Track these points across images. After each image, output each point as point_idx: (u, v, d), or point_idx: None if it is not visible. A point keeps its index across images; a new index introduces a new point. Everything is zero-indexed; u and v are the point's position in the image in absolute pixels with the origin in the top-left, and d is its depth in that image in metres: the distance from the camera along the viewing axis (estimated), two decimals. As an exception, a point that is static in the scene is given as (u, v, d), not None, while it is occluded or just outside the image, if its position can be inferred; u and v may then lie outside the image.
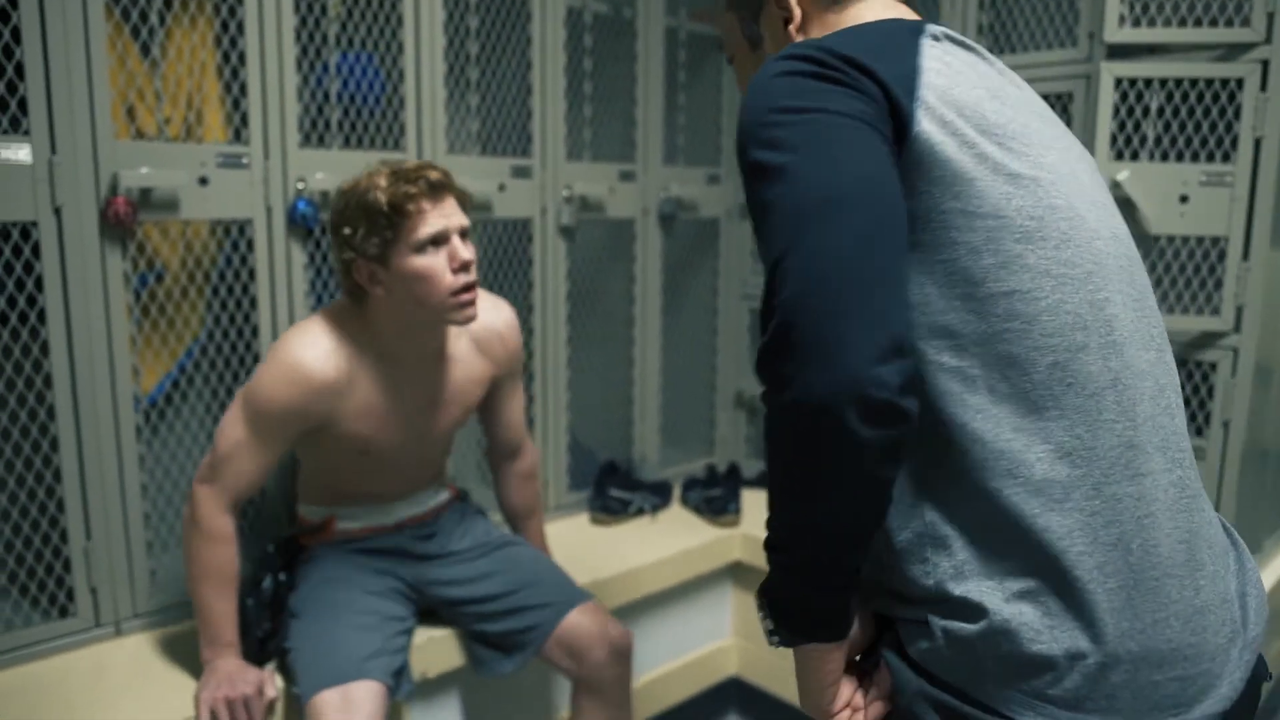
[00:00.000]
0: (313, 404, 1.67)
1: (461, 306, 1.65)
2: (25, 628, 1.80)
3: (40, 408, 1.78)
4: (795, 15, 1.06)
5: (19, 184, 1.67)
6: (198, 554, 1.68)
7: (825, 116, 0.83)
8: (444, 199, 1.65)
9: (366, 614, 1.74)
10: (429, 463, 1.92)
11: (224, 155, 1.90)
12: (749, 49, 1.15)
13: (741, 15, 1.14)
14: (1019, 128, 0.90)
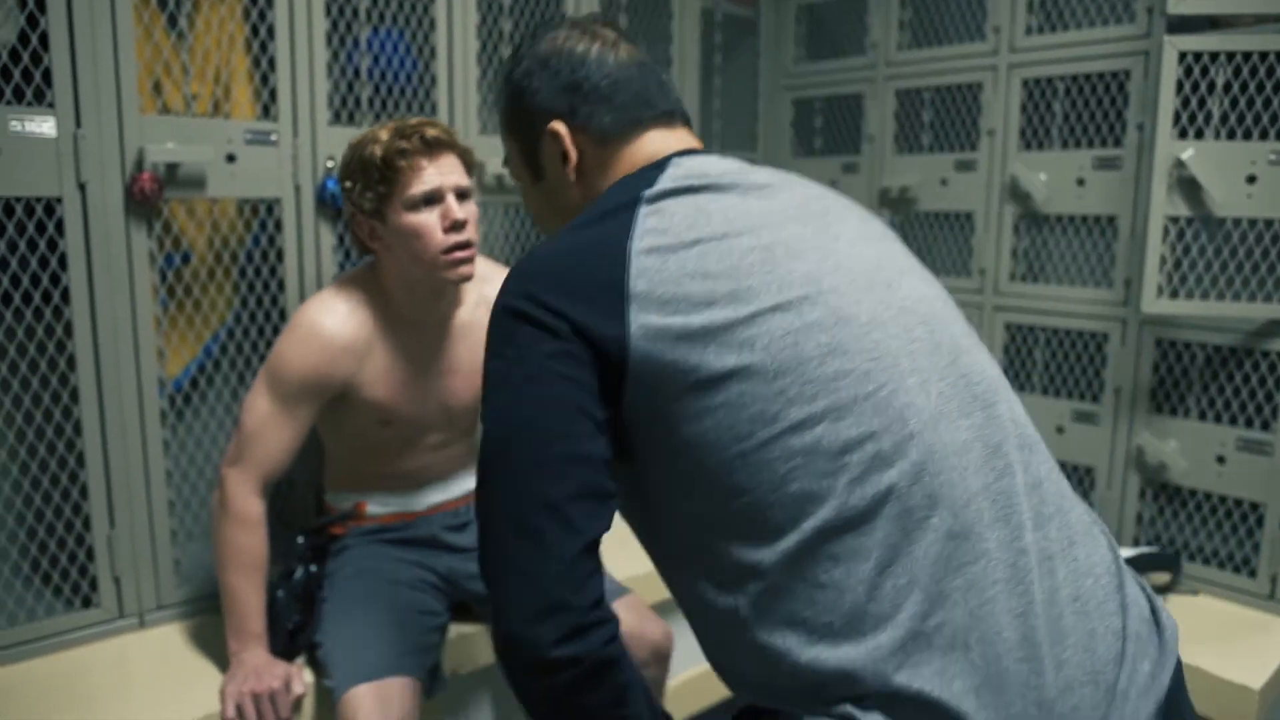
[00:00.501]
0: (333, 367, 1.63)
1: (454, 265, 1.62)
2: (48, 618, 1.74)
3: (63, 390, 1.72)
4: (572, 156, 1.06)
5: (43, 158, 1.62)
6: (226, 539, 1.63)
7: (523, 366, 0.90)
8: (441, 156, 1.61)
9: (400, 608, 1.68)
10: (455, 440, 1.85)
11: (252, 132, 1.84)
12: (531, 180, 1.13)
13: (522, 144, 1.12)
14: (752, 265, 0.89)
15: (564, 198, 1.09)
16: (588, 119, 1.05)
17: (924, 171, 2.44)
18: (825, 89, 2.68)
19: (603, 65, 1.06)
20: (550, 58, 1.07)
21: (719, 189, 0.96)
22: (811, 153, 2.77)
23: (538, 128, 1.07)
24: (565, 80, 1.05)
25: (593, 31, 1.09)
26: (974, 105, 2.36)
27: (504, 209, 2.27)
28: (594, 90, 1.04)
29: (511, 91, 1.11)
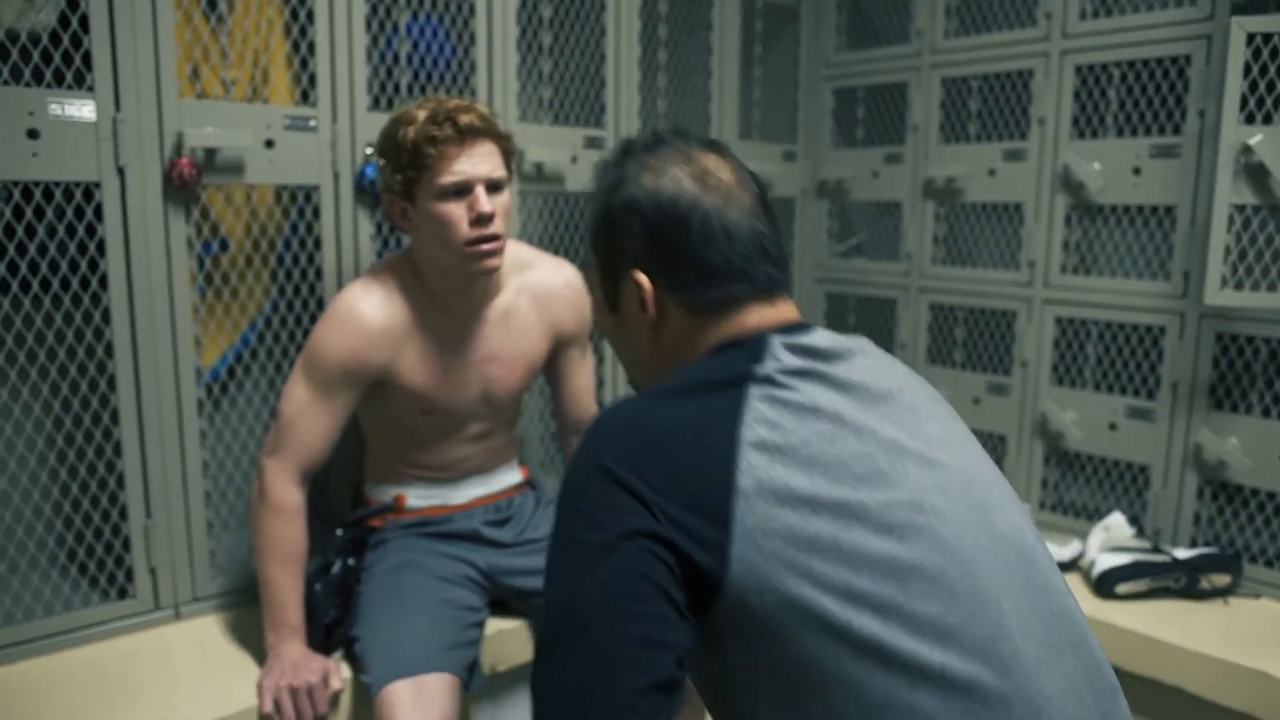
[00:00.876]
0: (371, 353, 1.61)
1: (477, 258, 1.58)
2: (84, 608, 1.72)
3: (101, 378, 1.70)
4: (650, 311, 0.99)
5: (82, 142, 1.60)
6: (264, 530, 1.60)
7: (605, 531, 0.82)
8: (475, 144, 1.56)
9: (440, 603, 1.64)
10: (496, 430, 1.82)
11: (291, 117, 1.82)
12: (607, 309, 1.05)
13: (602, 266, 1.04)
14: (858, 478, 0.85)
15: (637, 343, 1.03)
16: (681, 291, 0.97)
17: (971, 162, 2.38)
18: (868, 78, 2.62)
19: (710, 238, 0.95)
20: (654, 201, 0.97)
21: (823, 379, 0.90)
22: (853, 143, 2.72)
23: (623, 266, 1.00)
24: (666, 243, 0.96)
25: (710, 178, 0.98)
26: (1024, 93, 2.30)
27: (543, 198, 2.23)
28: (697, 268, 0.96)
29: (603, 213, 1.01)
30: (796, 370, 0.90)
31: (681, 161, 0.99)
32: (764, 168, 2.60)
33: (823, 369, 0.91)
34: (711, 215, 0.96)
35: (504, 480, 1.86)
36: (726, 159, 1.02)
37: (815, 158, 2.76)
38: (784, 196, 2.74)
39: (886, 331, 2.65)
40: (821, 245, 2.80)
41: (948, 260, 2.52)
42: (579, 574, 0.82)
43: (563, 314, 1.82)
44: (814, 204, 2.79)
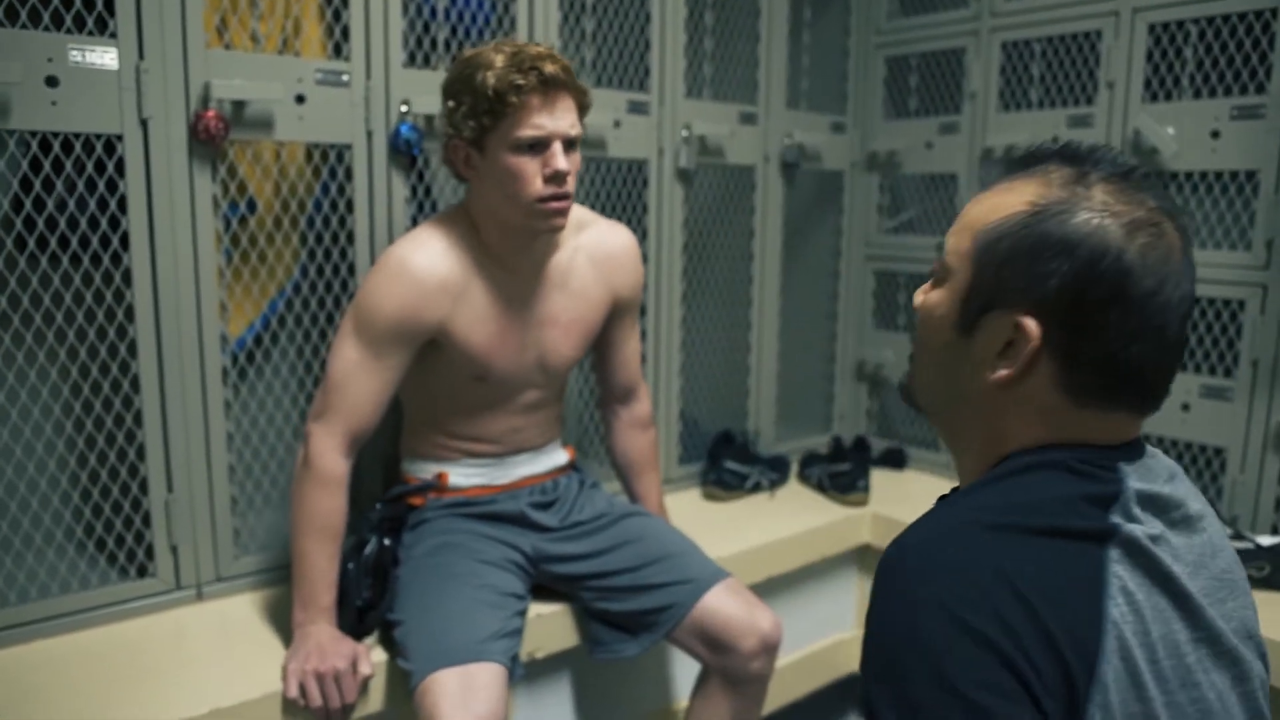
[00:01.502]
0: (425, 308, 1.52)
1: (546, 215, 1.51)
2: (102, 587, 1.63)
3: (121, 343, 1.61)
4: (1017, 364, 0.82)
5: (104, 92, 1.51)
6: (303, 499, 1.52)
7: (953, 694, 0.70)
8: (557, 98, 1.48)
9: (485, 588, 1.54)
10: (548, 401, 1.72)
11: (323, 72, 1.72)
12: (952, 326, 0.87)
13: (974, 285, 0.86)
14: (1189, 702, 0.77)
15: (966, 381, 0.86)
16: (1070, 368, 0.81)
17: (1033, 129, 2.26)
18: (922, 44, 2.50)
19: (1138, 337, 0.79)
20: (1114, 255, 0.78)
21: (1169, 547, 0.80)
22: (905, 114, 2.60)
23: (1011, 300, 0.82)
24: (1085, 312, 0.79)
25: (1172, 264, 0.80)
26: (1091, 56, 2.17)
27: (585, 163, 2.11)
28: (1105, 358, 0.80)
29: (1029, 224, 0.81)
30: (1153, 536, 0.79)
31: (1151, 223, 0.80)
32: (812, 138, 2.49)
33: (1170, 537, 0.81)
34: (1159, 307, 0.79)
35: (551, 460, 1.76)
36: (1183, 236, 0.83)
37: (865, 129, 2.64)
38: (832, 170, 2.62)
39: (939, 311, 2.52)
40: (870, 221, 2.67)
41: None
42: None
43: (621, 278, 1.73)
44: (863, 178, 2.67)
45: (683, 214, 2.27)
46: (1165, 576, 0.78)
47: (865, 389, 2.75)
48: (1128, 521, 0.78)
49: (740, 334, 2.51)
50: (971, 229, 0.86)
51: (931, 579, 0.74)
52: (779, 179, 2.46)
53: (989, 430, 0.86)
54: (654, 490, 1.89)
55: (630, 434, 1.87)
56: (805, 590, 2.26)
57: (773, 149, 2.43)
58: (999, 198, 0.85)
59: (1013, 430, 0.85)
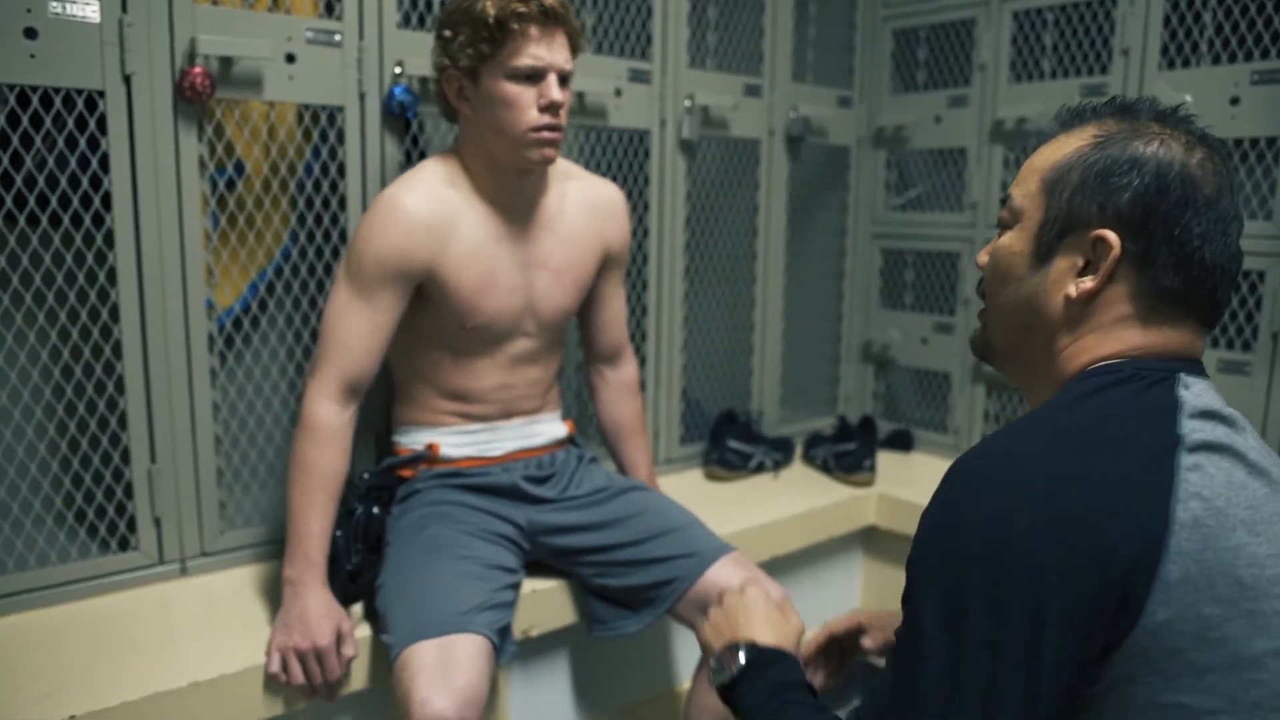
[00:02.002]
0: (415, 247, 1.50)
1: (539, 144, 1.50)
2: (82, 560, 1.58)
3: (103, 307, 1.56)
4: (1098, 278, 0.87)
5: (85, 46, 1.46)
6: (296, 450, 1.48)
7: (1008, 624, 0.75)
8: (554, 32, 1.48)
9: (472, 559, 1.48)
10: (539, 353, 1.67)
11: (314, 30, 1.67)
12: (1029, 259, 0.92)
13: (1049, 215, 0.91)
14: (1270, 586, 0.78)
15: (1045, 308, 0.91)
16: (1145, 272, 0.86)
17: (1046, 100, 2.20)
18: (930, 16, 2.44)
19: (1209, 235, 0.85)
20: (1163, 169, 0.85)
21: (1237, 456, 0.82)
22: (913, 87, 2.54)
23: (1091, 220, 0.87)
24: (1166, 213, 0.84)
25: (1225, 184, 0.87)
26: (1105, 23, 2.11)
27: (584, 133, 2.07)
28: (1182, 258, 0.85)
29: (1099, 152, 0.88)
30: (1218, 444, 0.81)
31: (1200, 146, 0.88)
32: (818, 112, 2.43)
33: (1234, 444, 0.82)
34: (1223, 216, 0.86)
35: (547, 431, 1.70)
36: (1226, 160, 0.90)
37: (873, 103, 2.58)
38: (838, 145, 2.56)
39: (948, 288, 2.46)
40: (878, 197, 2.61)
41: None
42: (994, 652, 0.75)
43: (612, 228, 1.71)
44: (870, 153, 2.61)
45: (685, 187, 2.21)
46: (1239, 457, 0.81)
47: (871, 370, 2.69)
48: (1193, 431, 0.80)
49: (744, 312, 2.45)
50: (1039, 172, 0.91)
51: (1018, 485, 0.77)
52: (784, 153, 2.41)
53: (1064, 351, 0.90)
54: (643, 456, 1.83)
55: (617, 397, 1.82)
56: (810, 571, 2.20)
57: (778, 122, 2.37)
58: (1058, 145, 0.91)
59: (1086, 346, 0.88)
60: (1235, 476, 0.79)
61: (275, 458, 1.77)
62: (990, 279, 0.96)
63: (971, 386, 2.42)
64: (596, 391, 1.84)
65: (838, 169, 2.60)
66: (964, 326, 2.42)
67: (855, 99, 2.57)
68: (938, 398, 2.53)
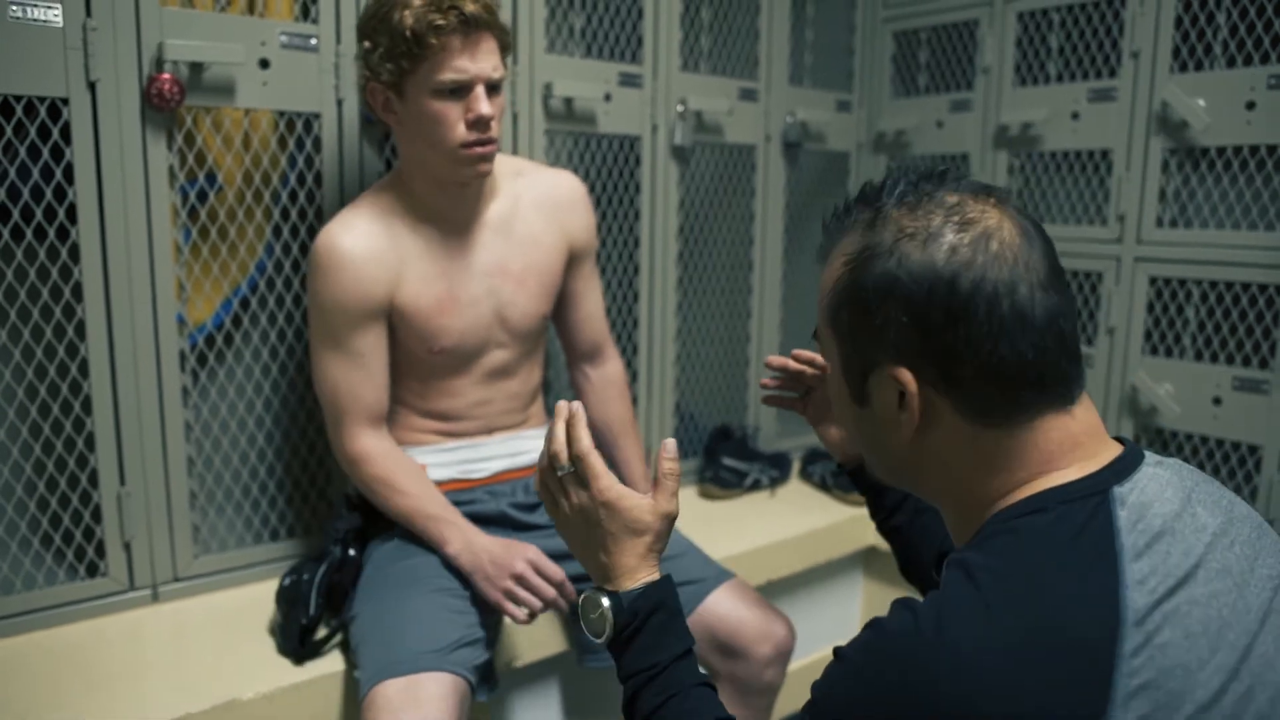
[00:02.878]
0: (368, 286, 1.46)
1: (470, 162, 1.43)
2: (48, 586, 1.52)
3: (68, 324, 1.49)
4: (913, 414, 0.79)
5: (48, 51, 1.40)
6: (367, 480, 1.49)
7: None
8: (479, 39, 1.39)
9: (451, 592, 1.41)
10: (516, 362, 1.60)
11: (289, 34, 1.60)
12: (850, 399, 0.85)
13: (842, 348, 0.83)
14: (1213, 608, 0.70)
15: (892, 443, 0.83)
16: (957, 393, 0.77)
17: (1051, 105, 2.13)
18: (932, 17, 2.37)
19: (999, 329, 0.74)
20: (924, 282, 0.75)
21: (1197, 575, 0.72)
22: (915, 91, 2.47)
23: (878, 358, 0.79)
24: (939, 337, 0.75)
25: (992, 240, 0.75)
26: (1114, 24, 2.04)
27: (572, 139, 2.00)
28: (979, 367, 0.75)
29: (848, 291, 0.80)
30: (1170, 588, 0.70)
31: (950, 219, 0.77)
32: (816, 117, 2.36)
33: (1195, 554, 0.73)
34: (999, 296, 0.74)
35: (534, 449, 1.64)
36: (1005, 207, 0.79)
37: (873, 107, 2.51)
38: (838, 151, 2.49)
39: (951, 299, 2.39)
40: (878, 205, 2.54)
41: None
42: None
43: (573, 221, 1.64)
44: (870, 159, 2.54)
45: (678, 195, 2.15)
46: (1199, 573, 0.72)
47: (872, 382, 2.61)
48: (1138, 584, 0.69)
49: (739, 323, 2.38)
50: (822, 302, 0.84)
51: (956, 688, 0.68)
52: (781, 160, 2.34)
53: (947, 487, 0.83)
54: (635, 459, 1.75)
55: (603, 397, 1.74)
56: (808, 593, 2.13)
57: (774, 128, 2.30)
58: (829, 267, 0.83)
59: (970, 482, 0.80)
60: (1193, 623, 0.69)
61: (250, 479, 1.71)
62: (835, 406, 0.90)
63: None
64: (581, 392, 1.76)
65: (837, 175, 2.53)
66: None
67: (854, 103, 2.50)
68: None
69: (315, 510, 1.78)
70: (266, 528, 1.73)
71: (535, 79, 1.87)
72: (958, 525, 0.85)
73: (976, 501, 0.81)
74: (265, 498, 1.73)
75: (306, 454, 1.76)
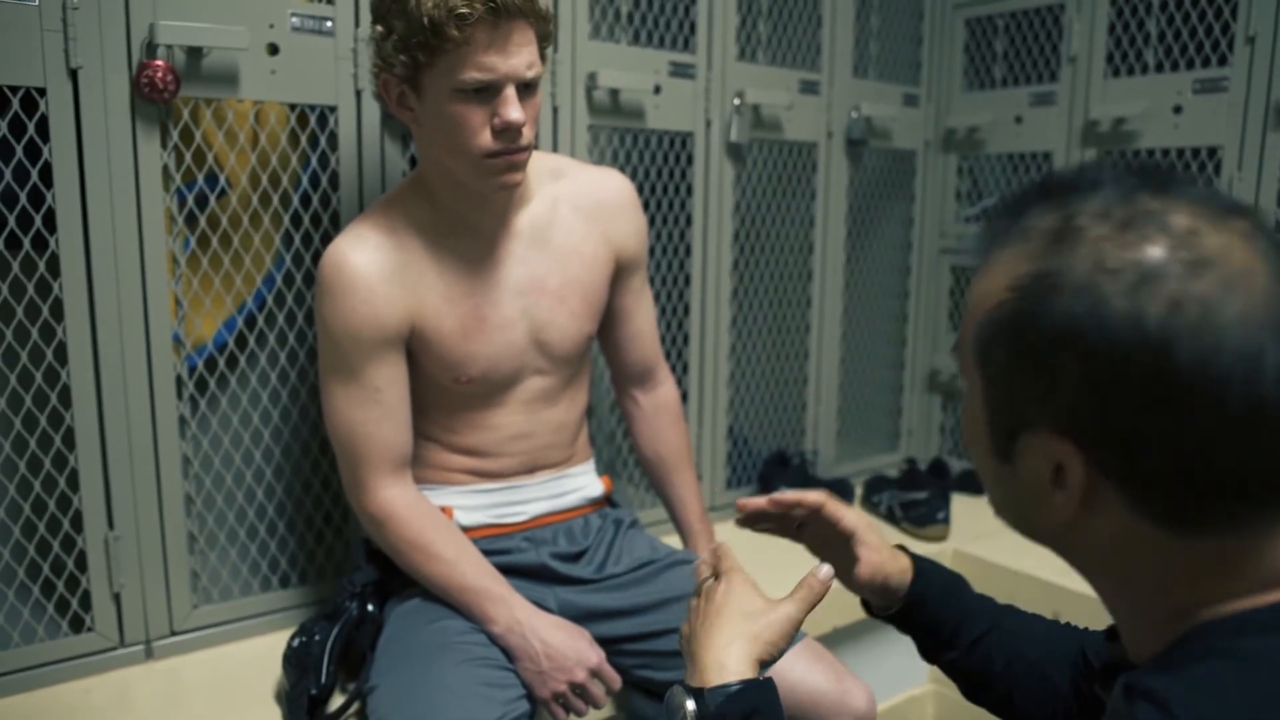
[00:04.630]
0: (383, 305, 1.26)
1: (494, 173, 1.23)
2: (26, 645, 1.34)
3: (47, 346, 1.31)
4: (1073, 497, 0.58)
5: (23, 34, 1.22)
6: (393, 542, 1.30)
7: None
8: (511, 29, 1.16)
9: (486, 662, 1.22)
10: (554, 390, 1.40)
11: (301, 16, 1.42)
12: (989, 450, 0.64)
13: (994, 403, 0.62)
14: None
15: (1038, 521, 0.63)
16: (1135, 488, 0.56)
17: (1149, 97, 1.91)
18: (1011, 2, 2.16)
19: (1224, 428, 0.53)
20: (1127, 339, 0.53)
21: None
22: (990, 84, 2.25)
23: (1034, 416, 0.59)
24: (1130, 417, 0.54)
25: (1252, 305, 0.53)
26: (1225, 6, 1.82)
27: (619, 135, 1.80)
28: (1185, 471, 0.55)
29: (1014, 316, 0.59)
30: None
31: (1178, 255, 0.54)
32: (881, 112, 2.15)
33: None
34: (1232, 382, 0.52)
35: (579, 489, 1.44)
36: (1256, 238, 0.55)
37: (942, 102, 2.29)
38: (904, 149, 2.28)
39: (1029, 312, 2.18)
40: (947, 208, 2.33)
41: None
42: None
43: (620, 228, 1.42)
44: (939, 158, 2.32)
45: (733, 198, 1.94)
46: None
47: (938, 401, 2.40)
48: None
49: (797, 338, 2.17)
50: (970, 327, 0.63)
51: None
52: (844, 159, 2.13)
53: (1115, 587, 0.64)
54: (691, 494, 1.55)
55: (656, 425, 1.54)
56: (873, 641, 1.92)
57: (837, 124, 2.09)
58: (987, 279, 0.62)
59: (1153, 586, 0.60)
60: None
61: (256, 519, 1.52)
62: (966, 445, 0.69)
63: (1057, 424, 2.12)
64: (632, 420, 1.56)
65: (903, 175, 2.31)
66: (1048, 355, 2.13)
67: (922, 97, 2.28)
68: (1016, 435, 2.23)
69: (329, 553, 1.59)
70: (275, 573, 1.54)
71: (578, 68, 1.67)
72: (1133, 630, 0.65)
73: (1163, 608, 0.61)
74: (273, 539, 1.54)
75: (320, 490, 1.57)
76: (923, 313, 2.38)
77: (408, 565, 1.30)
